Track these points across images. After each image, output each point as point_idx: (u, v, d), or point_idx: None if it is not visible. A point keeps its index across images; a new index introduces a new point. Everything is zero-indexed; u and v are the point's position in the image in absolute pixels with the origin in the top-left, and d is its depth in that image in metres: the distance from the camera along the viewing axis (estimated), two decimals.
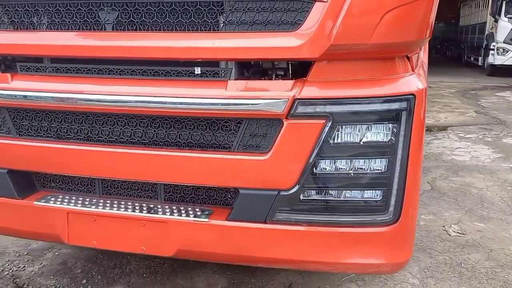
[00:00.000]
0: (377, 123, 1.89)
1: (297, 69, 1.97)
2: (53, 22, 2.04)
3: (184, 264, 3.18)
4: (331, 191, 1.98)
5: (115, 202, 2.22)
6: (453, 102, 11.06)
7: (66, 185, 2.34)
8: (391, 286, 2.98)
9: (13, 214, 2.32)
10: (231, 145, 1.99)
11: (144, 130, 2.09)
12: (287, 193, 1.95)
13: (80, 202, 2.22)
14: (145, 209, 2.14)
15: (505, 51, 16.22)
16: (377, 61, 1.90)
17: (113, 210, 2.16)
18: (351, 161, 1.94)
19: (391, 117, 1.88)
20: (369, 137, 1.90)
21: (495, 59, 16.54)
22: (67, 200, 2.24)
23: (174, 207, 2.15)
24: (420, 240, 3.59)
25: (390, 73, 1.91)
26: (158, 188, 2.19)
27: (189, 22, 1.89)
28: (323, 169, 1.94)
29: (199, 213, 2.09)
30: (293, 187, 1.94)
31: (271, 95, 1.87)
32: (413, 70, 2.00)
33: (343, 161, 1.94)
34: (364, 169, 1.94)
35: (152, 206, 2.17)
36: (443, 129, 7.85)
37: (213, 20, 1.88)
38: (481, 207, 4.35)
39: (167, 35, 1.93)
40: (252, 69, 2.04)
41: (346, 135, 1.90)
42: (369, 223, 1.98)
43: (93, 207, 2.17)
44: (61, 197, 2.27)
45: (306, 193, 1.97)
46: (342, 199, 1.98)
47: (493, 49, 16.53)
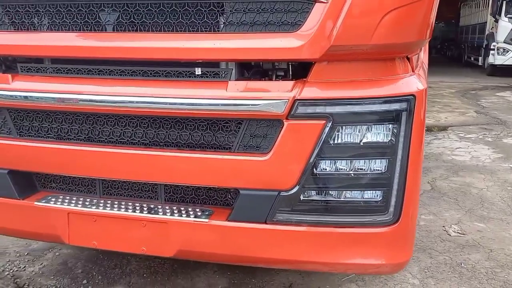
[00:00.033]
0: (377, 124, 1.89)
1: (297, 69, 1.97)
2: (53, 23, 2.05)
3: (184, 264, 3.18)
4: (331, 192, 1.98)
5: (116, 202, 2.22)
6: (453, 102, 11.06)
7: (66, 185, 2.34)
8: (391, 286, 2.99)
9: (13, 214, 2.32)
10: (232, 146, 1.99)
11: (144, 130, 2.09)
12: (288, 194, 1.96)
13: (80, 202, 2.22)
14: (145, 209, 2.15)
15: (505, 51, 16.22)
16: (377, 62, 1.90)
17: (113, 210, 2.16)
18: (351, 161, 1.94)
19: (391, 117, 1.89)
20: (369, 138, 1.91)
21: (496, 59, 16.55)
22: (67, 200, 2.24)
23: (174, 208, 2.15)
24: (420, 240, 3.60)
25: (390, 74, 1.91)
26: (158, 188, 2.19)
27: (189, 23, 1.90)
28: (323, 169, 1.94)
29: (199, 214, 2.09)
30: (294, 188, 1.95)
31: (271, 96, 1.88)
32: (413, 70, 2.01)
33: (343, 161, 1.94)
34: (364, 170, 1.94)
35: (152, 206, 2.17)
36: (443, 129, 7.85)
37: (213, 21, 1.89)
38: (481, 207, 4.35)
39: (168, 36, 1.93)
40: (252, 69, 2.04)
41: (346, 135, 1.90)
42: (369, 224, 1.99)
43: (94, 207, 2.18)
44: (61, 197, 2.28)
45: (306, 193, 1.97)
46: (342, 199, 1.98)
47: (494, 49, 16.54)
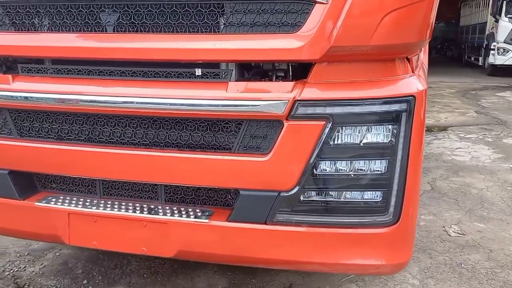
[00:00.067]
0: (377, 125, 1.89)
1: (298, 70, 1.97)
2: (54, 23, 2.05)
3: (184, 264, 3.18)
4: (331, 192, 1.99)
5: (116, 203, 2.22)
6: (453, 102, 11.06)
7: (67, 186, 2.34)
8: (391, 286, 2.99)
9: (14, 214, 2.33)
10: (232, 146, 1.99)
11: (145, 131, 2.09)
12: (288, 194, 1.96)
13: (81, 203, 2.22)
14: (145, 210, 2.15)
15: (505, 51, 16.22)
16: (377, 63, 1.90)
17: (113, 211, 2.16)
18: (351, 162, 1.94)
19: (391, 118, 1.89)
20: (369, 139, 1.91)
21: (496, 59, 16.55)
22: (68, 201, 2.25)
23: (174, 208, 2.15)
24: (420, 240, 3.60)
25: (390, 75, 1.91)
26: (158, 189, 2.19)
27: (190, 23, 1.90)
28: (323, 170, 1.95)
29: (199, 214, 2.09)
30: (294, 188, 1.95)
31: (271, 97, 1.88)
32: (413, 71, 2.01)
33: (343, 162, 1.94)
34: (364, 170, 1.94)
35: (152, 207, 2.17)
36: (444, 129, 7.85)
37: (213, 21, 1.89)
38: (481, 207, 4.35)
39: (168, 37, 1.93)
40: (252, 70, 2.04)
41: (346, 136, 1.90)
42: (369, 224, 1.99)
43: (94, 208, 2.18)
44: (62, 198, 2.28)
45: (306, 194, 1.97)
46: (342, 200, 1.98)
47: (494, 49, 16.54)
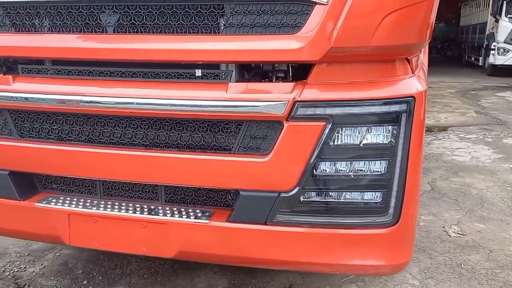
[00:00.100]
0: (377, 125, 1.90)
1: (298, 71, 1.97)
2: (54, 24, 2.05)
3: (184, 265, 3.18)
4: (331, 193, 1.99)
5: (116, 203, 2.22)
6: (453, 102, 11.06)
7: (67, 186, 2.35)
8: (391, 287, 2.99)
9: (14, 215, 2.33)
10: (232, 147, 2.00)
11: (145, 132, 2.10)
12: (288, 195, 1.96)
13: (81, 203, 2.23)
14: (146, 210, 2.15)
15: (505, 51, 16.23)
16: (377, 64, 1.91)
17: (114, 211, 2.16)
18: (351, 163, 1.94)
19: (391, 119, 1.89)
20: (369, 139, 1.91)
21: (496, 59, 16.55)
22: (68, 201, 2.25)
23: (174, 209, 2.16)
24: (420, 241, 3.60)
25: (390, 76, 1.92)
26: (159, 189, 2.19)
27: (190, 24, 1.90)
28: (323, 171, 1.95)
29: (199, 215, 2.09)
30: (294, 189, 1.95)
31: (271, 97, 1.88)
32: (413, 72, 2.01)
33: (343, 163, 1.94)
34: (364, 171, 1.95)
35: (153, 207, 2.18)
36: (444, 129, 7.85)
37: (214, 22, 1.89)
38: (481, 207, 4.35)
39: (168, 38, 1.93)
40: (252, 71, 2.05)
41: (346, 137, 1.91)
42: (369, 225, 1.99)
43: (94, 208, 2.18)
44: (62, 198, 2.28)
45: (306, 194, 1.97)
46: (342, 200, 1.98)
47: (494, 49, 16.54)
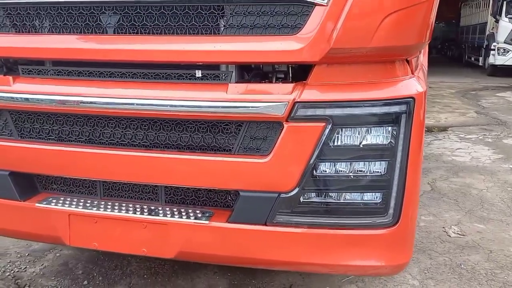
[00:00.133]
0: (377, 126, 1.90)
1: (297, 72, 1.98)
2: (54, 25, 2.06)
3: (184, 265, 3.19)
4: (331, 194, 1.99)
5: (116, 204, 2.23)
6: (453, 102, 11.06)
7: (67, 187, 2.35)
8: (391, 287, 2.99)
9: (14, 215, 2.33)
10: (232, 148, 2.00)
11: (145, 132, 2.10)
12: (287, 196, 1.96)
13: (81, 204, 2.23)
14: (146, 211, 2.16)
15: (505, 51, 16.23)
16: (377, 65, 1.91)
17: (114, 212, 2.17)
18: (351, 163, 1.94)
19: (391, 120, 1.89)
20: (368, 140, 1.91)
21: (496, 59, 16.56)
22: (68, 202, 2.25)
23: (175, 209, 2.16)
24: (420, 241, 3.60)
25: (390, 77, 1.92)
26: (159, 190, 2.20)
27: (190, 25, 1.90)
28: (323, 171, 1.95)
29: (199, 215, 2.10)
30: (293, 190, 1.95)
31: (271, 98, 1.88)
32: (412, 73, 2.01)
33: (343, 163, 1.95)
34: (364, 172, 1.95)
35: (153, 208, 2.18)
36: (444, 129, 7.85)
37: (214, 23, 1.89)
38: (481, 208, 4.36)
39: (168, 39, 1.94)
40: (252, 72, 2.05)
41: (346, 137, 1.91)
42: (369, 225, 1.99)
43: (95, 209, 2.19)
44: (62, 199, 2.28)
45: (306, 195, 1.98)
46: (342, 201, 1.99)
47: (494, 49, 16.55)
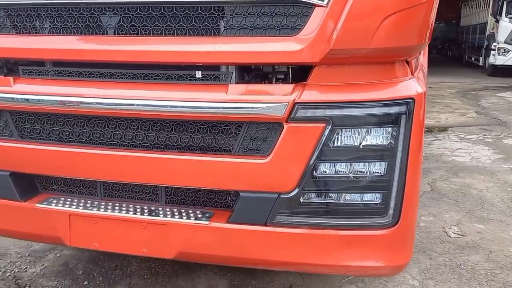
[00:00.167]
0: (377, 127, 1.90)
1: (297, 73, 1.98)
2: (55, 26, 2.06)
3: (185, 265, 3.19)
4: (331, 194, 1.99)
5: (117, 204, 2.23)
6: (453, 102, 11.07)
7: (68, 187, 2.35)
8: (390, 287, 3.00)
9: (15, 216, 2.33)
10: (232, 148, 2.00)
11: (145, 133, 2.10)
12: (287, 196, 1.96)
13: (81, 204, 2.23)
14: (146, 211, 2.16)
15: (506, 52, 16.25)
16: (376, 65, 1.91)
17: (114, 212, 2.17)
18: (350, 164, 1.95)
19: (391, 120, 1.89)
20: (368, 141, 1.92)
21: (496, 59, 16.57)
22: (69, 202, 2.25)
23: (175, 210, 2.16)
24: (420, 241, 3.61)
25: (389, 77, 1.92)
26: (159, 190, 2.20)
27: (190, 26, 1.91)
28: (323, 172, 1.95)
29: (199, 216, 2.10)
30: (293, 190, 1.95)
31: (271, 99, 1.89)
32: (412, 74, 2.02)
33: (342, 164, 1.95)
34: (363, 172, 1.95)
35: (153, 208, 2.18)
36: (444, 130, 7.86)
37: (214, 24, 1.90)
38: (481, 208, 4.36)
39: (168, 40, 1.94)
40: (252, 73, 2.05)
41: (345, 138, 1.91)
42: (369, 226, 2.00)
43: (95, 209, 2.19)
44: (63, 199, 2.29)
45: (306, 196, 1.98)
46: (342, 202, 1.99)
47: (494, 50, 16.56)
